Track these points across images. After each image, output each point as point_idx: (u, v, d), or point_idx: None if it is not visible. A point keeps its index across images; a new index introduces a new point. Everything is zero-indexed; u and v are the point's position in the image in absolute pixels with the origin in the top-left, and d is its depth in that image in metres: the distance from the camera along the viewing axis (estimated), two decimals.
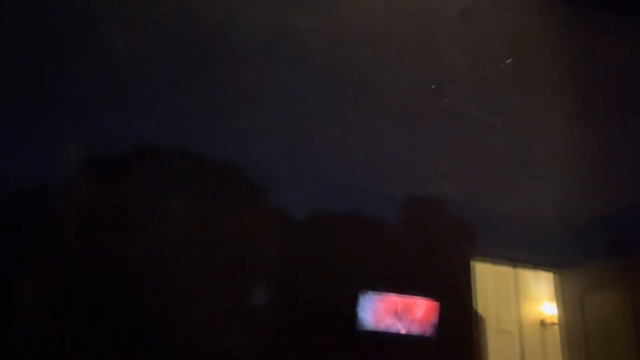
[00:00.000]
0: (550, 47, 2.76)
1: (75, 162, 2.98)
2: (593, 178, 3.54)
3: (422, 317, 3.56)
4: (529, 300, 4.96)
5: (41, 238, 2.84)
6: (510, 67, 2.85)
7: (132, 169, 3.11)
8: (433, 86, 2.95)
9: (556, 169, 3.59)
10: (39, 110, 2.83)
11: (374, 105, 3.11)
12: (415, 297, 3.56)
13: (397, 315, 3.52)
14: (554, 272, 4.25)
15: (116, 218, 2.99)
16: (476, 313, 3.89)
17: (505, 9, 2.55)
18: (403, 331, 3.52)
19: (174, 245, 3.08)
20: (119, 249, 2.95)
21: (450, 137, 3.38)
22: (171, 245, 3.07)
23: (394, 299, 3.53)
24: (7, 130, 2.78)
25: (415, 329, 3.54)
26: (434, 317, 3.56)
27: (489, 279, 4.54)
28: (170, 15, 2.62)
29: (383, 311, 3.49)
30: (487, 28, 2.66)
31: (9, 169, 2.87)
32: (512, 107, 3.19)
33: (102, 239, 2.94)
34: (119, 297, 2.85)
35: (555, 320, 4.39)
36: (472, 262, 3.86)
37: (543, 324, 4.92)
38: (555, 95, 3.06)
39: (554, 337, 4.40)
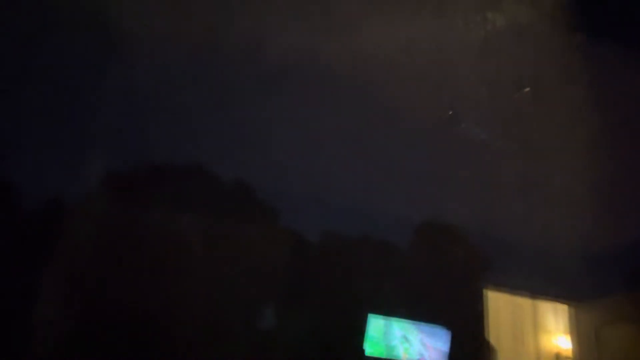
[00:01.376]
0: (569, 77, 2.75)
1: (94, 177, 3.01)
2: (611, 209, 3.49)
3: (433, 345, 3.49)
4: (543, 332, 4.84)
5: (58, 251, 2.85)
6: (529, 96, 2.85)
7: (148, 186, 3.14)
8: (450, 112, 2.95)
9: (574, 199, 3.55)
10: (61, 127, 2.87)
11: (392, 130, 3.12)
12: (427, 324, 3.50)
13: (408, 341, 3.46)
14: (570, 305, 4.17)
15: (131, 233, 3.00)
16: (489, 344, 3.81)
17: (524, 40, 2.56)
18: (413, 358, 3.45)
19: (186, 262, 3.08)
20: (133, 263, 2.95)
21: (468, 164, 3.36)
22: (183, 261, 3.07)
23: (405, 325, 3.47)
24: (28, 145, 2.82)
25: (425, 357, 3.47)
26: (445, 346, 3.49)
27: (503, 310, 4.45)
28: (194, 38, 2.67)
29: (394, 337, 3.43)
30: (506, 57, 2.67)
31: (26, 181, 2.90)
32: (530, 135, 3.18)
33: (117, 253, 2.95)
34: (130, 309, 2.84)
35: (570, 353, 4.28)
36: (486, 292, 3.80)
37: (558, 357, 4.79)
38: (573, 124, 3.04)
39: None
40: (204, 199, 3.27)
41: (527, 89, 2.84)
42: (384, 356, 3.39)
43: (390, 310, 3.46)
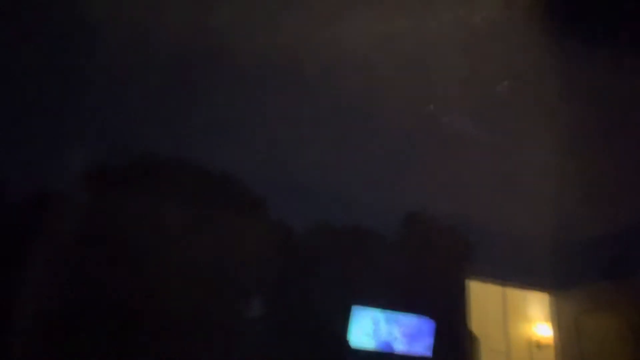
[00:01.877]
0: (543, 72, 2.80)
1: (77, 169, 3.00)
2: (590, 200, 3.56)
3: (417, 335, 3.55)
4: (524, 320, 4.93)
5: (41, 243, 2.85)
6: (508, 90, 2.89)
7: (132, 178, 3.13)
8: (431, 106, 2.98)
9: (555, 190, 3.61)
10: (43, 119, 2.86)
11: (375, 123, 3.15)
12: (411, 314, 3.56)
13: (392, 332, 3.51)
14: (550, 293, 4.25)
15: (115, 224, 3.00)
16: (471, 333, 3.88)
17: (501, 38, 2.60)
18: (398, 349, 3.51)
19: (170, 253, 3.09)
20: (117, 255, 2.96)
21: (448, 156, 3.41)
22: (167, 252, 3.08)
23: (390, 316, 3.52)
24: (10, 138, 2.80)
25: (409, 348, 3.53)
26: (429, 336, 3.55)
27: (485, 299, 4.53)
28: (173, 31, 2.66)
29: (378, 328, 3.48)
30: (484, 54, 2.71)
31: (11, 175, 2.89)
32: (509, 128, 3.22)
33: (101, 245, 2.95)
34: (114, 301, 2.85)
35: (551, 341, 4.37)
36: (469, 282, 3.87)
37: (538, 345, 4.88)
38: (550, 118, 3.10)
39: (550, 358, 4.37)
40: (190, 190, 3.28)
41: (506, 83, 2.88)
42: (368, 347, 3.43)
43: (374, 301, 3.50)
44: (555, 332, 4.16)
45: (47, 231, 2.90)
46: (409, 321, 3.55)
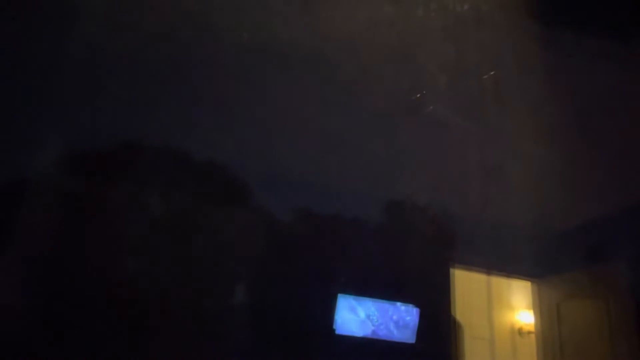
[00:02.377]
0: (529, 63, 2.82)
1: (53, 156, 2.94)
2: (570, 188, 3.61)
3: (401, 322, 3.57)
4: (507, 308, 5.02)
5: (16, 234, 2.79)
6: (494, 80, 2.91)
7: (111, 165, 3.08)
8: (418, 95, 2.99)
9: (535, 180, 3.66)
10: (17, 102, 2.79)
11: (359, 111, 3.14)
12: (396, 302, 3.57)
13: (377, 319, 3.52)
14: (532, 281, 4.31)
15: (94, 215, 2.95)
16: (455, 319, 3.92)
17: (485, 27, 2.61)
18: (381, 336, 3.52)
19: (151, 243, 3.05)
20: (96, 246, 2.91)
21: (432, 145, 3.43)
22: (148, 243, 3.04)
23: (374, 304, 3.53)
24: None
25: (393, 335, 3.55)
26: (413, 323, 3.57)
27: (468, 287, 4.58)
28: (157, 12, 2.61)
29: (362, 315, 3.49)
30: (471, 43, 2.72)
31: None
32: (493, 118, 3.25)
33: (79, 236, 2.89)
34: (95, 294, 2.81)
35: (533, 328, 4.45)
36: (452, 270, 3.90)
37: (520, 332, 4.98)
38: (532, 107, 3.13)
39: (531, 345, 4.45)
40: (172, 178, 3.24)
41: (492, 72, 2.90)
42: (353, 334, 3.45)
43: (359, 289, 3.51)
44: (536, 319, 4.23)
45: (23, 218, 2.84)
46: (394, 308, 3.57)
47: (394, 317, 3.57)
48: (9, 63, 2.70)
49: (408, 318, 3.59)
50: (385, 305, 3.56)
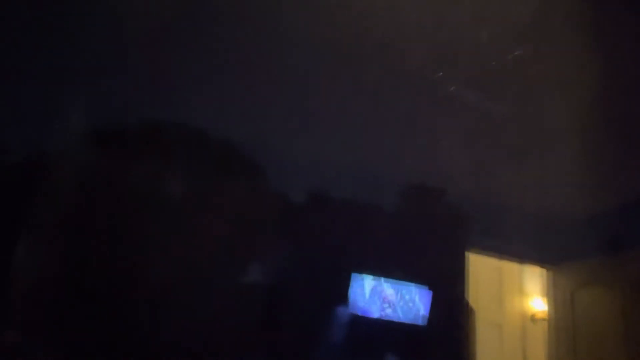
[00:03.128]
0: (564, 43, 2.73)
1: (76, 131, 2.95)
2: (589, 176, 3.56)
3: (414, 304, 3.57)
4: (520, 294, 5.00)
5: (38, 207, 2.82)
6: (518, 61, 2.84)
7: (132, 142, 3.09)
8: (440, 73, 2.93)
9: (554, 165, 3.60)
10: (43, 76, 2.80)
11: (377, 88, 3.10)
12: (410, 284, 3.58)
13: (390, 300, 3.53)
14: (547, 268, 4.28)
15: (114, 190, 2.97)
16: (468, 304, 3.92)
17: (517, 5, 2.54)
18: (394, 317, 3.54)
19: (170, 222, 3.07)
20: (115, 224, 2.93)
21: (451, 128, 3.37)
22: (167, 221, 3.06)
23: (388, 285, 3.54)
24: (9, 97, 2.74)
25: (406, 316, 3.56)
26: (426, 305, 3.58)
27: (482, 272, 4.57)
28: None
29: (376, 296, 3.50)
30: (498, 21, 2.64)
31: (9, 135, 2.84)
32: (514, 101, 3.19)
33: (100, 211, 2.92)
34: (112, 276, 2.84)
35: (545, 315, 4.43)
36: (467, 254, 3.88)
37: (533, 319, 4.96)
38: (562, 92, 3.05)
39: (544, 332, 4.44)
40: (189, 158, 3.24)
41: (518, 52, 2.82)
42: (367, 315, 3.46)
43: (373, 269, 3.51)
44: (550, 306, 4.20)
45: (43, 193, 2.86)
46: (407, 290, 3.57)
47: (408, 299, 3.58)
48: (35, 36, 2.70)
49: (421, 300, 3.59)
50: (399, 286, 3.56)
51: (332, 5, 2.66)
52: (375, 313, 3.49)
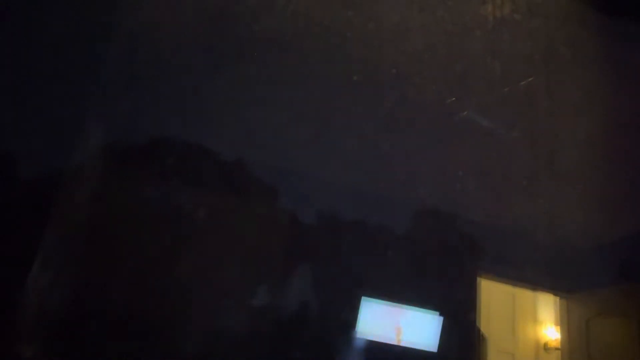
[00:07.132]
0: (573, 70, 2.75)
1: (90, 149, 2.99)
2: (605, 202, 3.52)
3: (425, 330, 3.52)
4: (533, 322, 4.91)
5: (52, 223, 2.84)
6: (531, 85, 2.85)
7: (145, 160, 3.12)
8: (453, 98, 2.95)
9: (570, 192, 3.57)
10: (59, 95, 2.84)
11: (390, 112, 3.11)
12: (420, 309, 3.53)
13: (400, 326, 3.49)
14: (561, 296, 4.21)
15: (127, 208, 2.99)
16: (479, 331, 3.85)
17: (527, 35, 2.56)
18: (403, 342, 3.48)
19: (181, 238, 3.08)
20: (128, 239, 2.95)
21: (463, 151, 3.37)
22: (178, 238, 3.07)
23: (397, 310, 3.50)
24: (23, 114, 2.78)
25: (417, 343, 3.50)
26: (437, 331, 3.52)
27: (495, 299, 4.51)
28: (196, 8, 2.64)
29: (385, 321, 3.46)
30: (510, 49, 2.67)
31: (23, 153, 2.88)
32: (527, 125, 3.19)
33: (112, 228, 2.94)
34: (125, 289, 2.84)
35: (559, 344, 4.34)
36: (479, 280, 3.83)
37: (546, 347, 4.86)
38: (573, 119, 3.06)
39: None
40: (202, 174, 3.27)
41: (530, 79, 2.84)
42: (376, 339, 3.42)
43: (384, 294, 3.48)
44: (563, 335, 4.12)
45: (58, 211, 2.89)
46: (417, 316, 3.52)
47: (418, 325, 3.52)
48: (46, 52, 2.75)
49: (432, 326, 3.53)
50: (409, 311, 3.51)
51: (352, 39, 2.71)
52: (385, 339, 3.44)
